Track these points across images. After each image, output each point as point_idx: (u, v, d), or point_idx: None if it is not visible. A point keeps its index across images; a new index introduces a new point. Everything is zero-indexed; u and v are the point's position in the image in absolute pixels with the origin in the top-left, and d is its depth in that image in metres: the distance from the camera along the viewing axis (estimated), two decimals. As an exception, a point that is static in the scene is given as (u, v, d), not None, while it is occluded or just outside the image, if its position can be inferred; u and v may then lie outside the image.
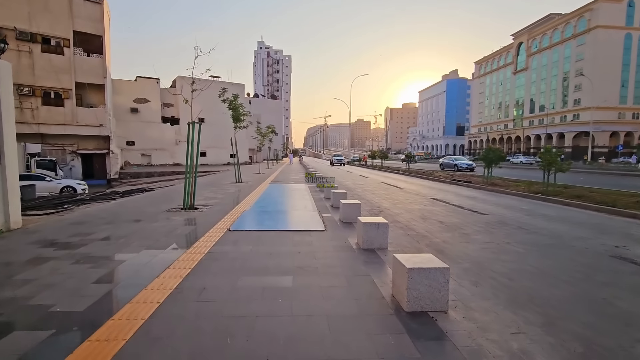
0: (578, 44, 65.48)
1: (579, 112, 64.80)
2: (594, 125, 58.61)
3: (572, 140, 65.23)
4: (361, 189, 14.50)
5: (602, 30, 61.51)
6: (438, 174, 22.83)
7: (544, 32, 74.84)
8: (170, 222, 6.67)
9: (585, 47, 63.90)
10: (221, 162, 40.22)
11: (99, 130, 24.33)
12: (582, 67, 64.15)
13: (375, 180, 19.51)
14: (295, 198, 10.63)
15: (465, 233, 6.27)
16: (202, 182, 16.50)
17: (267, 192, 11.99)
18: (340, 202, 7.35)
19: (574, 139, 65.37)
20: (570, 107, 66.73)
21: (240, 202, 9.40)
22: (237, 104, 15.63)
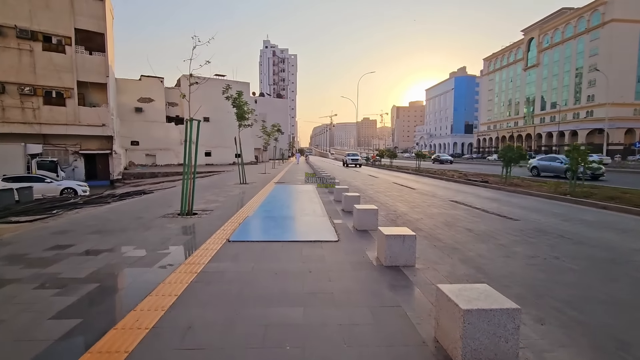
0: (592, 39, 63.55)
1: (593, 108, 62.93)
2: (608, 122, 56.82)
3: (586, 138, 63.41)
4: (372, 189, 13.66)
5: (617, 24, 59.54)
6: (451, 173, 21.86)
7: (555, 27, 72.89)
8: (163, 232, 5.93)
9: (599, 41, 61.98)
10: (226, 162, 39.71)
11: (102, 130, 23.84)
12: (596, 63, 62.21)
13: (386, 180, 18.63)
14: (303, 201, 9.84)
15: (501, 244, 5.40)
16: (204, 184, 15.81)
17: (273, 195, 11.22)
18: (353, 207, 6.53)
19: (587, 136, 63.53)
20: (584, 104, 64.87)
21: (244, 206, 8.64)
22: (241, 101, 14.89)
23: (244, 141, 20.47)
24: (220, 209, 8.38)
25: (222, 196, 10.74)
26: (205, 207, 8.66)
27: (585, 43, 64.78)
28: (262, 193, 11.57)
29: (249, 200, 9.85)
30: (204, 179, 20.52)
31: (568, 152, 12.26)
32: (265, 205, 8.83)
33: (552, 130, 70.06)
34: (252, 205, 8.88)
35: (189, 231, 6.05)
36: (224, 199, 10.03)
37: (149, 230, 6.02)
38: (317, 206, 8.95)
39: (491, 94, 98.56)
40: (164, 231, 5.93)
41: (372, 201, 10.28)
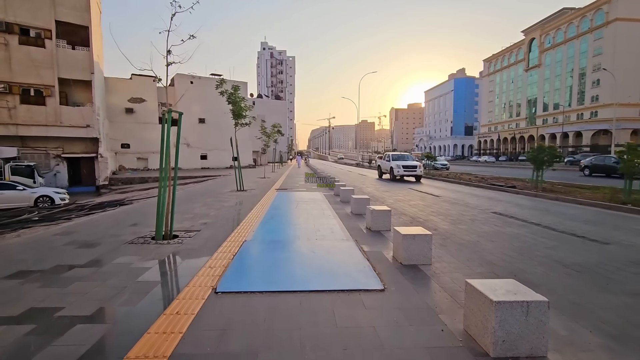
0: (595, 38, 62.46)
1: (597, 109, 61.73)
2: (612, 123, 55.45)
3: (591, 139, 62.12)
4: (391, 197, 11.79)
5: (622, 23, 58.47)
6: (467, 176, 20.05)
7: (557, 26, 71.85)
8: (120, 272, 4.02)
9: (603, 41, 60.89)
10: (223, 166, 37.75)
11: (86, 132, 21.87)
12: (600, 62, 61.11)
13: (398, 185, 16.79)
14: (314, 215, 7.95)
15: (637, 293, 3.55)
16: (197, 191, 13.89)
17: (275, 206, 9.32)
18: (396, 232, 4.61)
19: (592, 137, 62.24)
20: (588, 104, 63.68)
21: (240, 224, 6.76)
22: (237, 97, 13.04)
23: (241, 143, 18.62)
24: (209, 227, 6.48)
25: (215, 208, 8.84)
26: (191, 224, 6.77)
27: (588, 43, 63.68)
28: (263, 203, 9.68)
29: (247, 213, 7.97)
30: (198, 184, 18.61)
31: (621, 152, 10.48)
32: (268, 223, 6.93)
33: (555, 132, 68.79)
34: (251, 221, 6.99)
35: (159, 271, 4.14)
36: (216, 213, 8.12)
37: (99, 269, 4.11)
38: (333, 221, 7.08)
39: (491, 95, 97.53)
40: (122, 271, 4.02)
41: (399, 213, 8.41)
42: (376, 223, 6.29)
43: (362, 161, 48.50)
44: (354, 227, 6.56)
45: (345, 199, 10.26)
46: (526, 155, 14.06)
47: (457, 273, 4.07)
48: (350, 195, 10.10)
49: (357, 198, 8.21)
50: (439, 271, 4.11)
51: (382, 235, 5.96)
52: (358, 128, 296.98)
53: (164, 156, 5.60)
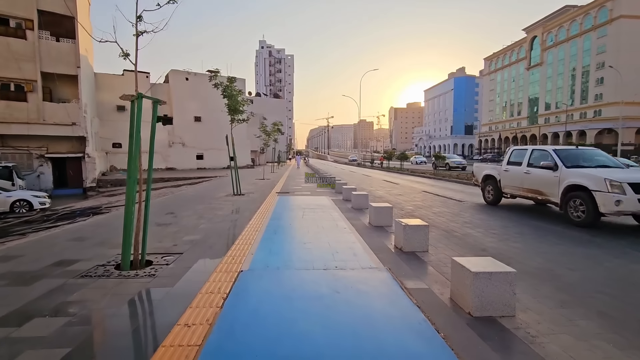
0: (599, 36, 61.45)
1: (601, 107, 60.77)
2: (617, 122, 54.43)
3: (595, 138, 61.13)
4: (410, 204, 10.40)
5: (626, 20, 57.48)
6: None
7: (560, 24, 70.83)
8: (38, 343, 2.61)
9: (607, 38, 59.91)
10: (220, 166, 36.16)
11: (72, 130, 20.37)
12: (603, 60, 60.17)
13: (411, 187, 15.43)
14: (326, 227, 6.56)
15: None
16: (188, 196, 12.45)
17: (278, 215, 7.91)
18: (460, 267, 3.23)
19: (596, 136, 61.24)
20: (591, 103, 62.71)
21: (235, 242, 5.35)
22: (233, 90, 11.63)
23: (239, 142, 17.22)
24: (196, 247, 5.07)
25: (206, 218, 7.41)
26: (173, 243, 5.35)
27: (592, 40, 62.67)
28: (263, 211, 8.27)
29: (244, 226, 6.57)
30: (191, 187, 17.18)
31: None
32: (270, 241, 5.51)
33: (558, 131, 67.78)
34: (249, 238, 5.59)
35: (103, 336, 2.72)
36: (206, 225, 6.70)
37: (9, 334, 2.70)
38: (351, 237, 5.69)
39: (492, 94, 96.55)
40: (38, 345, 2.60)
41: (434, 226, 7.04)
42: (410, 241, 4.89)
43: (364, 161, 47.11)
44: (380, 246, 5.17)
45: (359, 205, 8.87)
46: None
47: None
48: (365, 202, 8.73)
49: (377, 207, 6.81)
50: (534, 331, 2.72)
51: (419, 258, 4.58)
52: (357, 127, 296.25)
53: (133, 155, 4.19)
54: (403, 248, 4.94)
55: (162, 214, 7.91)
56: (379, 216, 6.71)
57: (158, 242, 5.39)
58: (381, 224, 6.69)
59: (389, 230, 6.31)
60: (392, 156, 33.71)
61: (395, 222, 5.31)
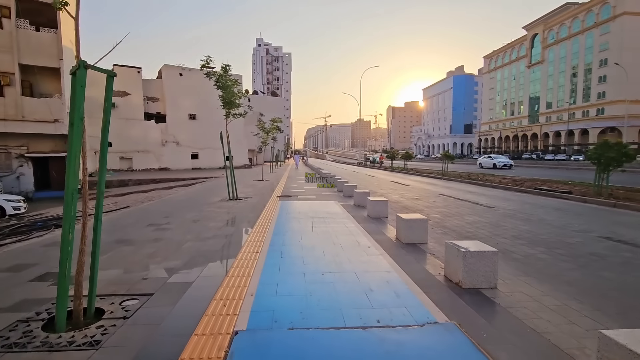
0: (601, 33, 60.52)
1: (604, 106, 59.86)
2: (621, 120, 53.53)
3: (598, 137, 60.21)
4: (433, 210, 9.02)
5: (629, 17, 56.60)
6: (496, 178, 17.40)
7: (561, 21, 69.86)
8: None
9: (610, 35, 58.99)
10: (217, 166, 34.58)
11: (55, 128, 18.79)
12: (606, 58, 59.26)
13: (424, 189, 14.06)
14: (346, 246, 5.16)
15: None
16: (177, 201, 10.98)
17: (282, 229, 6.49)
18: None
19: (599, 135, 60.32)
20: (594, 101, 61.79)
21: (229, 274, 3.94)
22: (228, 80, 10.19)
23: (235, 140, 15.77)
24: (171, 286, 3.64)
25: (192, 234, 5.95)
26: (141, 275, 3.92)
27: (594, 38, 61.75)
28: (264, 224, 6.85)
29: (239, 246, 5.15)
30: (183, 190, 15.71)
31: None
32: (276, 272, 4.07)
33: (560, 129, 66.88)
34: (247, 266, 4.18)
35: None
36: (191, 245, 5.25)
37: None
38: (383, 263, 4.30)
39: (492, 92, 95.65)
40: None
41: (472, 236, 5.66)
42: (473, 273, 3.49)
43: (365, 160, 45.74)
44: (425, 277, 3.78)
45: (377, 213, 7.46)
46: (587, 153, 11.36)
47: None
48: (384, 210, 7.33)
49: (408, 219, 5.39)
50: None
51: (490, 303, 3.19)
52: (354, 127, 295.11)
53: (73, 152, 2.77)
54: (462, 283, 3.54)
55: (141, 227, 6.48)
56: (410, 231, 5.31)
57: (124, 273, 3.97)
58: (413, 241, 5.30)
59: (426, 250, 4.92)
60: (395, 155, 32.29)
61: (447, 244, 3.91)
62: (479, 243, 3.82)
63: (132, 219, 7.20)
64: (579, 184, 14.54)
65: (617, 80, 55.76)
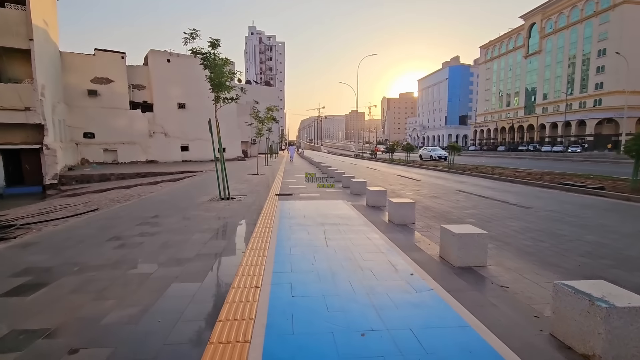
0: (601, 22, 59.57)
1: (602, 97, 59.24)
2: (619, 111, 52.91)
3: (595, 128, 59.76)
4: (462, 212, 7.65)
5: (630, 6, 55.69)
6: (511, 172, 16.17)
7: (560, 10, 68.67)
8: None
9: (609, 25, 58.07)
10: (208, 158, 32.69)
11: (26, 117, 16.96)
12: (605, 48, 58.43)
13: (436, 184, 12.73)
14: (378, 271, 3.75)
15: None
16: (159, 201, 9.42)
17: (287, 243, 5.04)
18: None
19: (596, 126, 59.86)
20: (591, 92, 61.13)
21: (214, 334, 2.53)
22: (217, 58, 8.58)
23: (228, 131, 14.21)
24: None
25: (166, 256, 4.38)
26: (80, 328, 2.48)
27: (593, 27, 60.79)
28: (262, 233, 5.40)
29: (231, 278, 3.72)
30: (169, 185, 14.14)
31: None
32: (290, 333, 2.66)
33: (557, 121, 66.31)
34: (242, 316, 2.77)
35: None
36: (161, 275, 3.71)
37: None
38: (440, 303, 2.92)
39: (488, 83, 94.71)
40: None
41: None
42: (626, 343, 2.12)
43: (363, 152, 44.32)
44: (523, 336, 2.42)
45: (402, 219, 6.03)
46: (626, 146, 10.11)
47: None
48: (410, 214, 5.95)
49: (461, 233, 3.98)
50: None
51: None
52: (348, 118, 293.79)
53: None
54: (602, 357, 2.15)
55: (100, 242, 4.96)
56: (465, 249, 3.90)
57: (68, 313, 2.51)
58: (468, 263, 3.91)
59: (492, 279, 3.55)
60: (396, 147, 30.92)
61: (555, 284, 2.51)
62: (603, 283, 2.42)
63: (92, 229, 5.68)
64: (602, 177, 13.41)
65: (616, 71, 55.04)
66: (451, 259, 4.03)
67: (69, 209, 9.16)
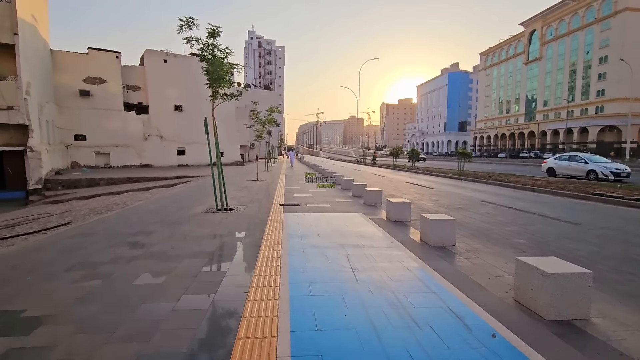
0: (602, 29, 59.30)
1: (604, 104, 58.76)
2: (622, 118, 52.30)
3: (597, 135, 59.16)
4: (504, 230, 6.51)
5: (631, 12, 55.43)
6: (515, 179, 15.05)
7: (560, 17, 68.55)
8: None
9: (610, 32, 57.80)
10: (205, 162, 31.48)
11: (8, 116, 15.75)
12: (607, 55, 58.10)
13: (455, 194, 11.61)
14: (434, 321, 2.59)
15: None
16: (147, 211, 8.19)
17: (302, 276, 3.86)
18: None
19: (598, 133, 59.26)
20: (593, 99, 60.66)
21: None
22: (216, 48, 7.45)
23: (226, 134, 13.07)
24: None
25: (137, 297, 3.25)
26: None
27: (595, 34, 60.54)
28: (269, 262, 4.22)
29: (235, 324, 2.56)
30: (160, 192, 12.92)
31: None
32: None
33: (558, 128, 65.66)
34: None
35: None
36: (127, 340, 2.61)
37: None
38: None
39: (488, 89, 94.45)
40: None
41: None
42: None
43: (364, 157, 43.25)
44: None
45: (439, 240, 4.86)
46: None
47: None
48: (450, 233, 4.79)
49: (558, 274, 2.83)
50: None
51: None
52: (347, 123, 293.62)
53: None
54: None
55: (56, 272, 3.76)
56: (563, 296, 2.75)
57: None
58: (567, 316, 2.75)
59: (613, 346, 2.40)
60: (400, 153, 29.83)
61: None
62: None
63: (53, 252, 4.47)
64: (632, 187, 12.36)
65: (618, 78, 54.62)
66: (538, 308, 2.86)
67: (41, 220, 7.93)
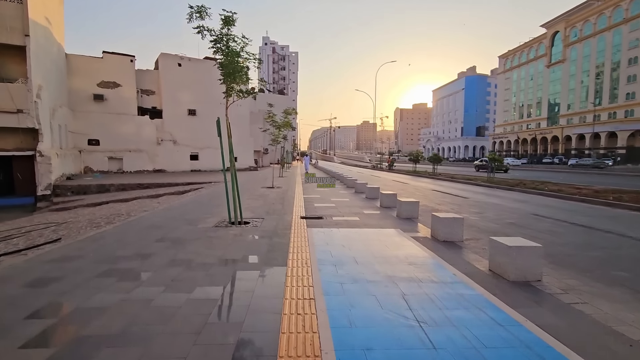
0: (631, 30, 56.49)
1: (634, 107, 55.72)
2: (654, 122, 49.37)
3: (627, 140, 56.07)
4: (590, 256, 5.21)
5: (663, 12, 52.44)
6: (557, 187, 13.50)
7: (585, 18, 65.82)
8: None
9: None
10: (219, 168, 30.79)
11: (18, 120, 15.26)
12: (636, 56, 55.26)
13: (495, 205, 10.25)
14: None
15: None
16: (152, 225, 7.18)
17: (352, 338, 2.71)
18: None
19: (628, 138, 56.16)
20: (622, 102, 57.63)
21: None
22: (231, 39, 6.45)
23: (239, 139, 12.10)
24: None
25: (142, 341, 2.24)
26: None
27: (623, 35, 57.75)
28: (298, 308, 3.09)
29: None
30: (170, 200, 12.03)
31: None
32: None
33: (584, 132, 62.62)
34: None
35: None
36: None
37: None
38: None
39: (508, 93, 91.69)
40: None
41: None
42: None
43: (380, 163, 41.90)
44: None
45: (520, 270, 3.62)
46: None
47: None
48: (535, 262, 3.56)
49: None
50: None
51: None
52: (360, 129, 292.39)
53: None
54: None
55: (9, 324, 2.76)
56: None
57: None
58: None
59: None
60: (420, 158, 28.32)
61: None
62: None
63: (22, 285, 3.44)
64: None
65: (653, 79, 51.79)
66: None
67: (33, 234, 7.04)
